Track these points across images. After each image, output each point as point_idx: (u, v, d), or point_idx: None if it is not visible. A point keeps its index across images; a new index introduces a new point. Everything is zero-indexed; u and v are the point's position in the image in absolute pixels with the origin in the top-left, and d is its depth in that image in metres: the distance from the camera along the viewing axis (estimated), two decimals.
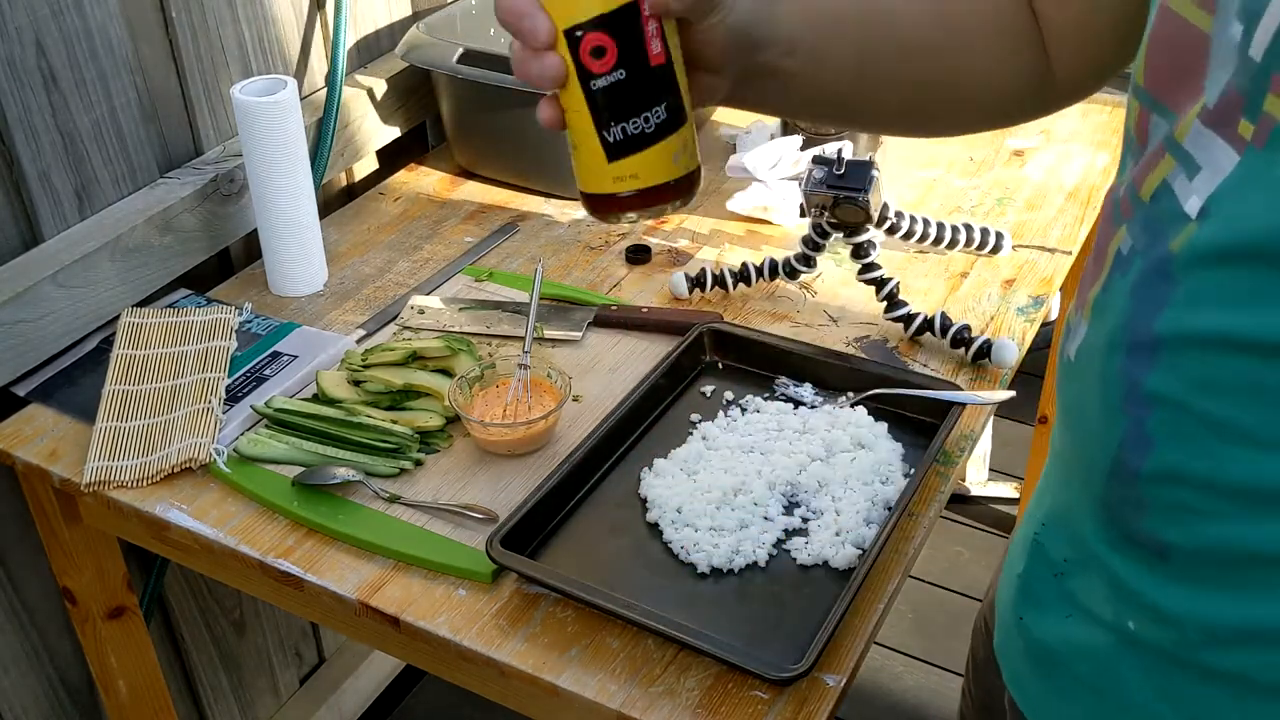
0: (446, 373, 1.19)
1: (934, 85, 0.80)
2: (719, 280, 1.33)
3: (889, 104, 0.81)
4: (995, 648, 0.79)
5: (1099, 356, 0.63)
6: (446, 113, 1.57)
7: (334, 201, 1.59)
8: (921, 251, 1.41)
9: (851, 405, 1.14)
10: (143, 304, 1.30)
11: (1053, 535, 0.72)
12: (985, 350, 1.21)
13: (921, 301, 1.32)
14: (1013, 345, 1.21)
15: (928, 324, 1.24)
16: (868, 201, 1.21)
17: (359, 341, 1.27)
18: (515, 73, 0.64)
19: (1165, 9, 0.60)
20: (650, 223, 1.49)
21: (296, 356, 1.24)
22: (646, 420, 1.15)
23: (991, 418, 1.25)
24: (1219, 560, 0.60)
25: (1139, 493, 0.62)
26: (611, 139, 0.63)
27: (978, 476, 2.29)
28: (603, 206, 0.65)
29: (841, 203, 1.22)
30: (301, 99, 1.42)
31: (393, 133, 1.60)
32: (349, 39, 1.53)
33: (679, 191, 0.66)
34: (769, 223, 1.47)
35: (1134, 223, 0.62)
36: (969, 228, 1.39)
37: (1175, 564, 0.62)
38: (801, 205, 1.30)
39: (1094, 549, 0.67)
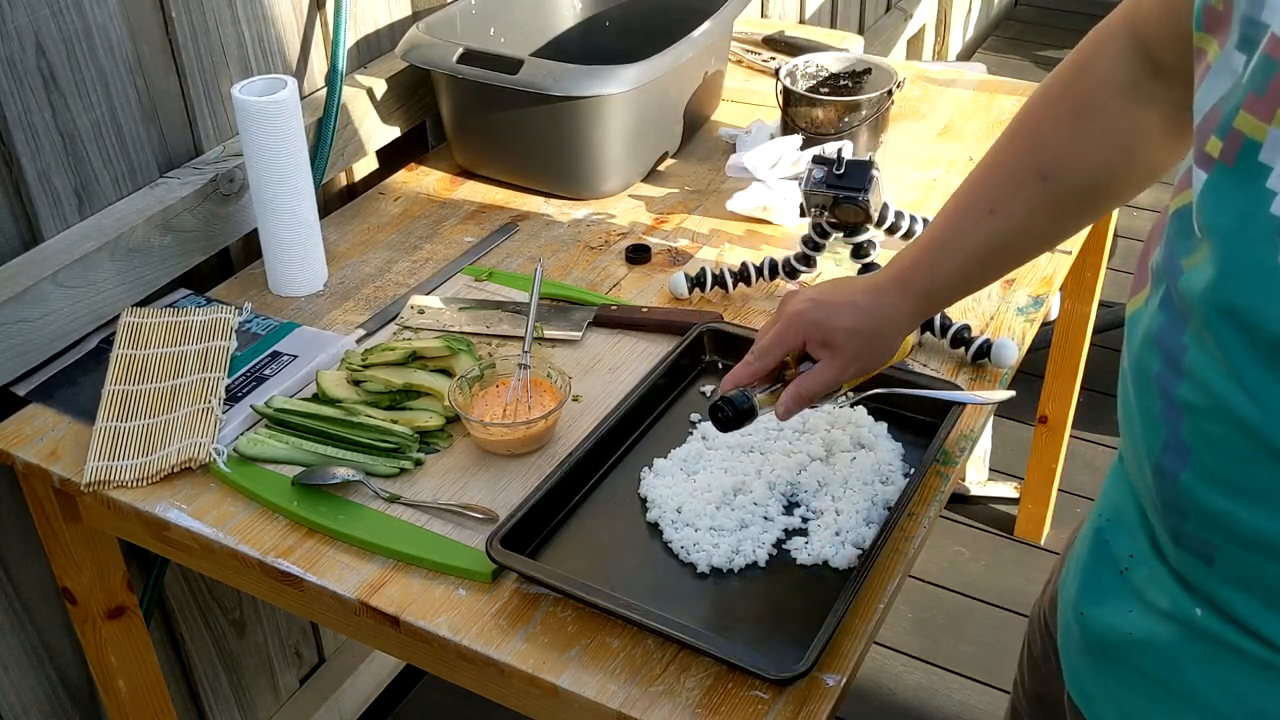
0: (446, 373, 1.19)
1: (1099, 201, 0.92)
2: (719, 280, 1.33)
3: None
4: (1059, 646, 0.80)
5: (1139, 365, 0.66)
6: (446, 113, 1.57)
7: (334, 201, 1.58)
8: None
9: (851, 405, 1.14)
10: (143, 304, 1.30)
11: (1117, 531, 0.73)
12: (985, 350, 1.21)
13: None
14: (1013, 345, 1.21)
15: (928, 324, 1.24)
16: (868, 201, 1.21)
17: (359, 341, 1.27)
18: None
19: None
20: (650, 223, 1.49)
21: (296, 356, 1.24)
22: (646, 420, 1.15)
23: (991, 418, 1.25)
24: (1261, 564, 0.60)
25: (1180, 497, 0.63)
26: None
27: (978, 476, 2.29)
28: None
29: (841, 203, 1.22)
30: (301, 99, 1.42)
31: (393, 133, 1.60)
32: (349, 39, 1.53)
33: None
34: (769, 223, 1.47)
35: (1165, 240, 0.65)
36: None
37: (1220, 566, 0.62)
38: (801, 205, 1.30)
39: (1157, 544, 0.68)
